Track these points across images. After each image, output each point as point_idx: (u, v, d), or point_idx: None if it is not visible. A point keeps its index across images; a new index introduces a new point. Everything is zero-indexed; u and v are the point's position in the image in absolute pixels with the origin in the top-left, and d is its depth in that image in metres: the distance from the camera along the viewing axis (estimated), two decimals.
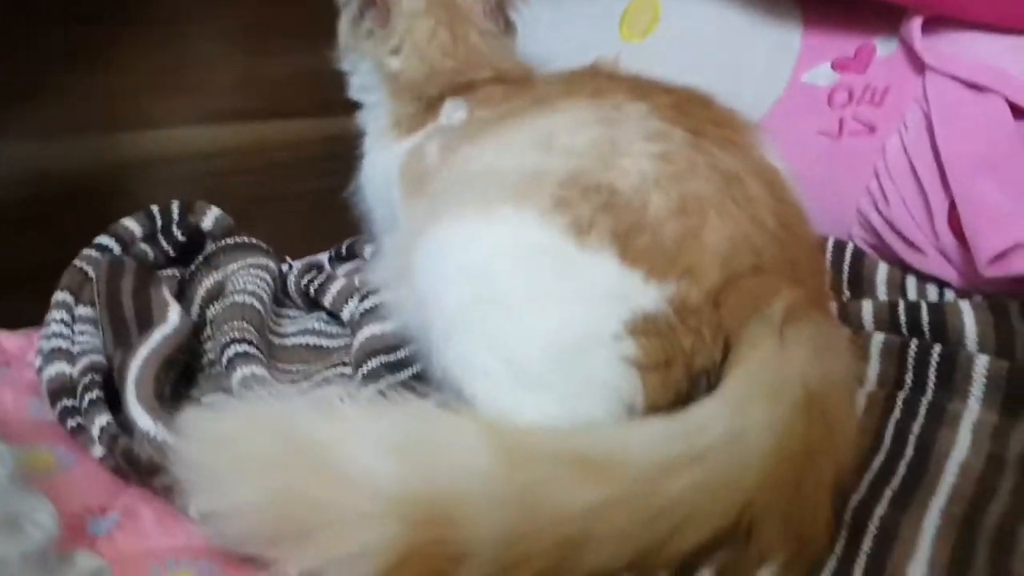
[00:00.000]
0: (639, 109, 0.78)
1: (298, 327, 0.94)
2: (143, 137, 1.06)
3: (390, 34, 0.95)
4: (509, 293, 0.69)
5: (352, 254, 1.14)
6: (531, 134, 0.78)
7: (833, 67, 0.98)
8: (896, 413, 0.74)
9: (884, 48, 0.96)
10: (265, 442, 0.59)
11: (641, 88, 0.83)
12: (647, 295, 0.67)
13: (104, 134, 1.03)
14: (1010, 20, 0.89)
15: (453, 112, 0.91)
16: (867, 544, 0.61)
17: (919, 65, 0.92)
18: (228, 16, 1.05)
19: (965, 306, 0.82)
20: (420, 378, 0.80)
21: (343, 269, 1.11)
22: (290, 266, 1.03)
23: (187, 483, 0.60)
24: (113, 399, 0.76)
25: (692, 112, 0.79)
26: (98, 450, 0.71)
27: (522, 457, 0.58)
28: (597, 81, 0.86)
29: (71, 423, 0.74)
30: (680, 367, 0.68)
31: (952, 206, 0.86)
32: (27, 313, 0.90)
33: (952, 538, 0.60)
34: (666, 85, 0.85)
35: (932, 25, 0.92)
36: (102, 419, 0.72)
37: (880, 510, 0.63)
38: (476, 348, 0.70)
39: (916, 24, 0.91)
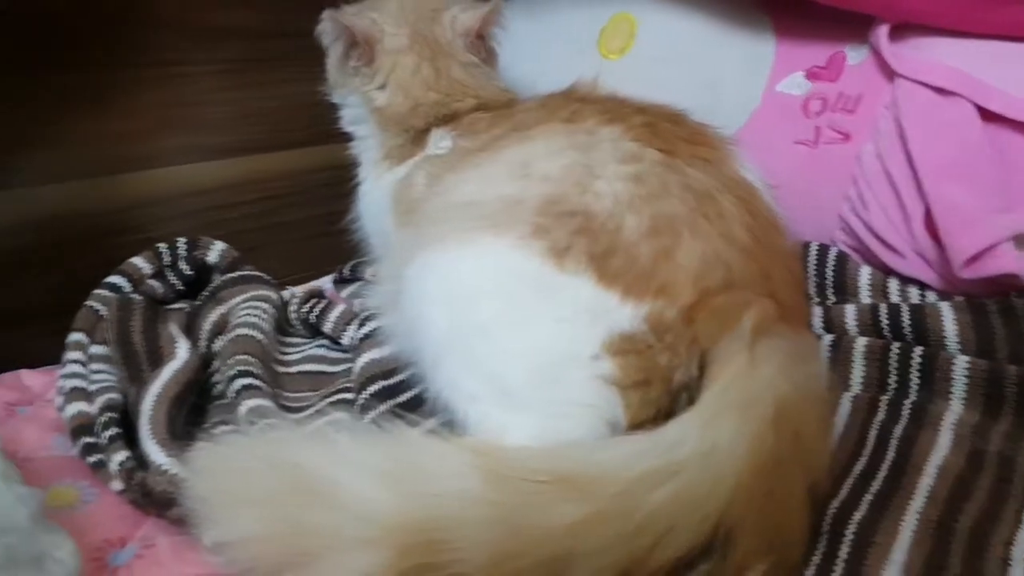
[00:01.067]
0: (612, 132, 0.81)
1: (301, 354, 0.97)
2: (145, 176, 1.09)
3: (375, 71, 0.98)
4: (490, 318, 0.72)
5: (355, 276, 1.16)
6: (509, 163, 0.81)
7: (807, 76, 0.99)
8: (880, 416, 0.76)
9: (855, 56, 0.97)
10: (265, 474, 0.62)
11: (615, 110, 0.86)
12: (623, 315, 0.70)
13: (108, 176, 1.06)
14: (972, 25, 0.90)
15: (439, 142, 0.94)
16: (844, 551, 0.62)
17: (889, 72, 0.93)
18: (221, 52, 1.07)
19: (945, 307, 0.83)
20: (419, 401, 0.83)
21: (346, 291, 1.14)
22: (292, 295, 1.06)
23: (197, 515, 0.63)
24: (131, 433, 0.79)
25: (664, 131, 0.81)
26: (117, 484, 0.74)
27: (506, 478, 0.60)
28: (572, 105, 0.89)
29: (92, 459, 0.77)
30: (659, 384, 0.70)
31: (928, 210, 0.87)
32: (48, 351, 0.94)
33: (927, 543, 0.62)
34: (640, 104, 0.87)
35: (899, 32, 0.94)
36: (120, 455, 0.75)
37: (858, 515, 0.65)
38: (462, 372, 0.74)
39: (883, 31, 0.93)
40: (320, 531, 0.58)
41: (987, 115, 0.88)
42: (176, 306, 0.99)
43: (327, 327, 0.99)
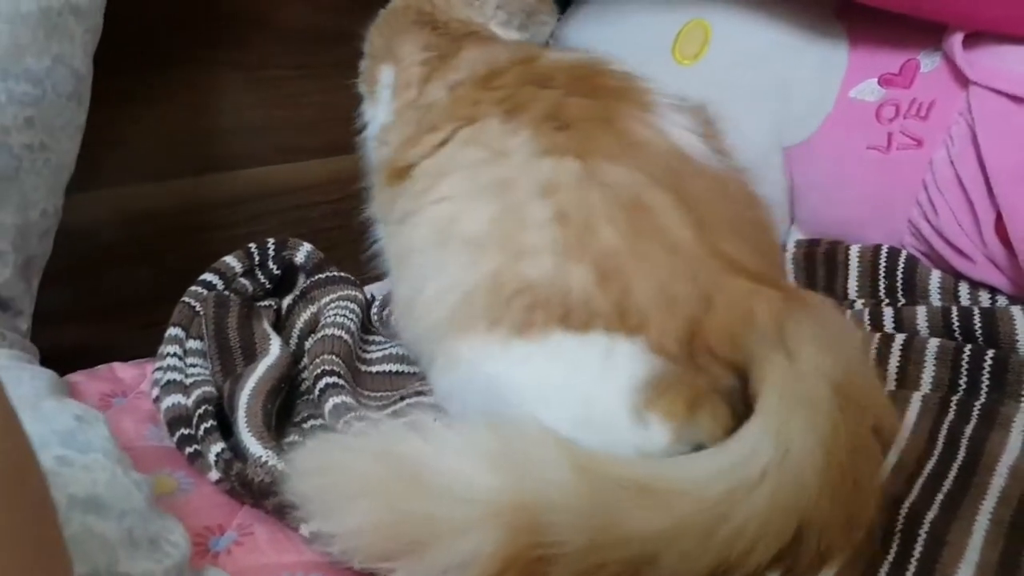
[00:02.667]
0: (520, 142, 0.80)
1: (382, 352, 0.99)
2: (233, 176, 1.14)
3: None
4: (523, 405, 0.72)
5: None
6: (435, 225, 0.83)
7: (879, 82, 0.99)
8: (950, 416, 0.77)
9: (928, 63, 0.97)
10: (369, 467, 0.64)
11: (516, 94, 0.84)
12: (632, 361, 0.70)
13: (197, 175, 1.11)
14: None
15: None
16: (917, 550, 0.63)
17: (962, 79, 0.93)
18: (311, 56, 1.11)
19: (1017, 311, 0.84)
20: None
21: None
22: (372, 296, 1.08)
23: (306, 510, 0.65)
24: (224, 425, 0.83)
25: (575, 115, 0.80)
26: (215, 474, 0.78)
27: (594, 476, 0.62)
28: (475, 93, 0.89)
29: (189, 450, 0.80)
30: (715, 398, 0.70)
31: (999, 216, 0.88)
32: (138, 345, 0.98)
33: (1000, 543, 0.63)
34: (547, 68, 0.88)
35: (973, 39, 0.93)
36: (217, 446, 0.79)
37: (931, 515, 0.66)
38: None
39: (957, 39, 0.93)
40: (426, 516, 0.60)
41: None
42: (265, 303, 1.02)
43: None
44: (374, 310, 1.06)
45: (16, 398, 0.40)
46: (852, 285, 0.98)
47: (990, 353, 0.81)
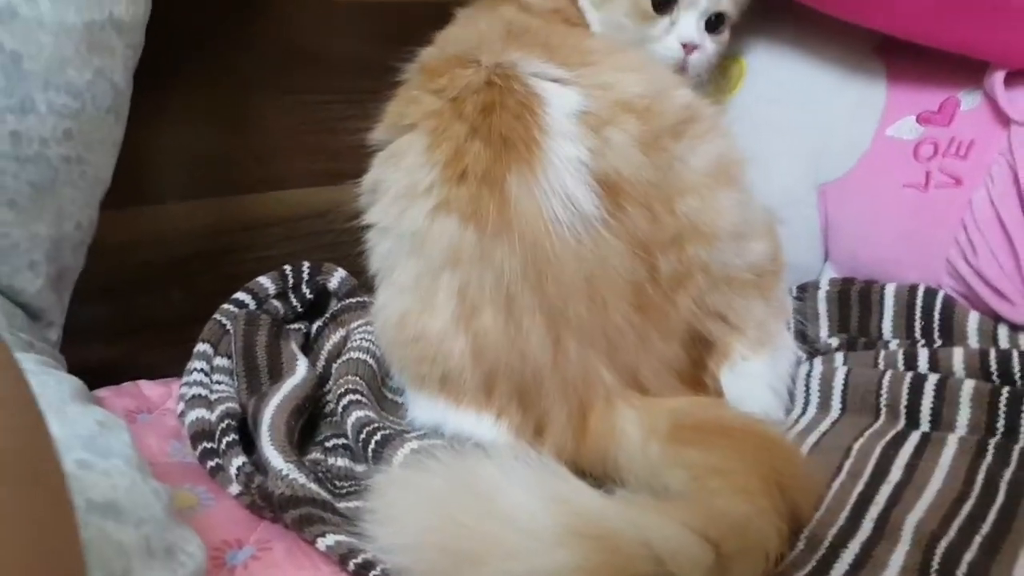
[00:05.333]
0: (428, 184, 0.81)
1: None
2: (268, 198, 1.15)
3: None
4: None
5: None
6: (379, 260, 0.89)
7: (918, 121, 0.99)
8: (988, 459, 0.76)
9: (968, 101, 0.97)
10: (442, 488, 0.66)
11: (442, 114, 0.83)
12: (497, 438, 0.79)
13: (232, 196, 1.12)
14: None
15: None
16: None
17: (1004, 118, 0.93)
18: (349, 83, 1.13)
19: None
20: None
21: None
22: None
23: (374, 523, 0.66)
24: (246, 442, 0.83)
25: (472, 166, 0.79)
26: (235, 487, 0.78)
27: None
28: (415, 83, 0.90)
29: (210, 463, 0.81)
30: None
31: None
32: (165, 363, 0.99)
33: None
34: (466, 84, 0.83)
35: (1016, 78, 0.93)
36: (238, 460, 0.79)
37: (969, 556, 0.65)
38: None
39: (999, 78, 0.93)
40: (492, 535, 0.62)
41: None
42: (294, 326, 1.03)
43: None
44: None
45: (41, 401, 0.40)
46: (887, 325, 0.96)
47: None
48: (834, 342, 0.98)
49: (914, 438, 0.81)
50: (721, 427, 0.75)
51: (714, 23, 0.99)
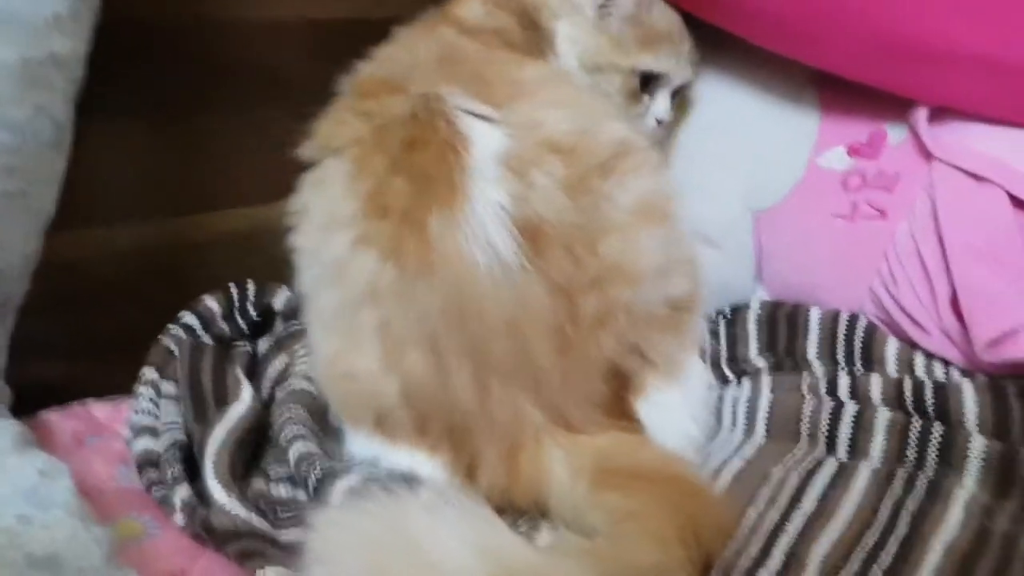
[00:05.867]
0: (350, 216, 0.81)
1: None
2: (220, 215, 1.16)
3: None
4: None
5: None
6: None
7: (848, 152, 1.01)
8: (896, 489, 0.78)
9: (896, 135, 0.99)
10: (375, 533, 0.67)
11: (368, 142, 0.84)
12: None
13: (182, 215, 1.13)
14: (1010, 114, 0.92)
15: None
16: None
17: (927, 154, 0.94)
18: (291, 100, 1.13)
19: (967, 386, 0.85)
20: None
21: None
22: None
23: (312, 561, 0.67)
24: (194, 468, 0.85)
25: (393, 202, 0.80)
26: (179, 518, 0.80)
27: None
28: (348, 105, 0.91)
29: (156, 493, 0.83)
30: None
31: (955, 291, 0.89)
32: (116, 381, 1.00)
33: None
34: (392, 112, 0.84)
35: (938, 115, 0.95)
36: (183, 491, 0.81)
37: None
38: None
39: (923, 114, 0.95)
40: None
41: (1017, 203, 0.89)
42: (240, 344, 1.04)
43: None
44: None
45: None
46: (812, 349, 0.99)
47: (938, 429, 0.82)
48: (760, 362, 1.01)
49: (830, 466, 0.83)
50: (640, 472, 0.77)
51: (675, 93, 1.04)
